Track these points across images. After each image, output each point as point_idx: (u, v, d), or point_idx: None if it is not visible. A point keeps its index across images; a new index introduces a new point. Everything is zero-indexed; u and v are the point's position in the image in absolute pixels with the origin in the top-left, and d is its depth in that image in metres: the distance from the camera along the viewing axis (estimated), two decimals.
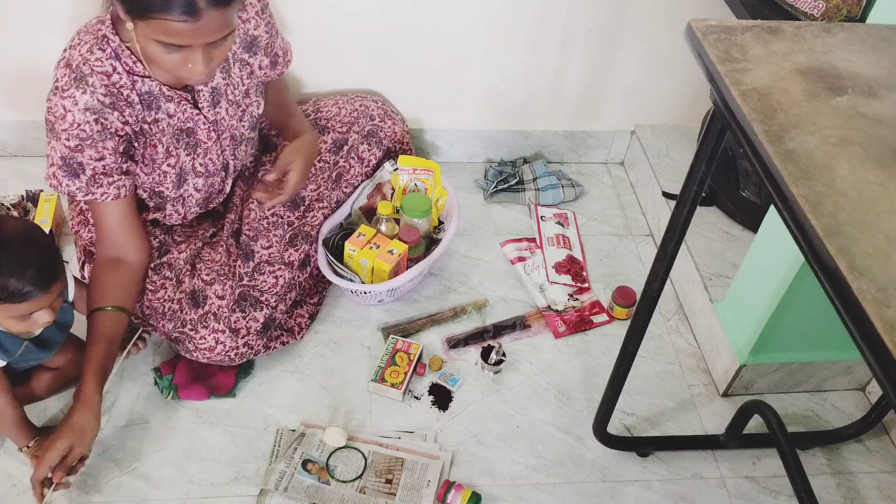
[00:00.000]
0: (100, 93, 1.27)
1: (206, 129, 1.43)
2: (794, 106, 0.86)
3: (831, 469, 1.49)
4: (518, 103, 1.99)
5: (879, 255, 0.70)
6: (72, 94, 1.25)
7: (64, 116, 1.25)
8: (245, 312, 1.46)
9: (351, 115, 1.76)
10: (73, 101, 1.25)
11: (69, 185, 1.31)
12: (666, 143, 2.03)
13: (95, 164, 1.30)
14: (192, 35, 1.17)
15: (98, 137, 1.28)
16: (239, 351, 1.45)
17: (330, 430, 1.41)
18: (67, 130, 1.26)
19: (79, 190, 1.31)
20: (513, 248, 1.85)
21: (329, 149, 1.73)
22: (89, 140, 1.27)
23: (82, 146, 1.27)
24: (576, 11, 1.81)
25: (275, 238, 1.58)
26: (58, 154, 1.28)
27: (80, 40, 1.28)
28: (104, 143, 1.29)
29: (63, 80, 1.26)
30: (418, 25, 1.80)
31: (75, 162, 1.28)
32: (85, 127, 1.26)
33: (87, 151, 1.28)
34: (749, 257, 1.50)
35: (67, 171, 1.29)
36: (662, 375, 1.62)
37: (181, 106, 1.38)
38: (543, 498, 1.40)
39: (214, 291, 1.44)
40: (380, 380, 1.52)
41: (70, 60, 1.26)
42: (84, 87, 1.25)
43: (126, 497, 1.34)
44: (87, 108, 1.26)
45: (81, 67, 1.26)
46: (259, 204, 1.58)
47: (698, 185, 1.07)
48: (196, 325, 1.42)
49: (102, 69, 1.27)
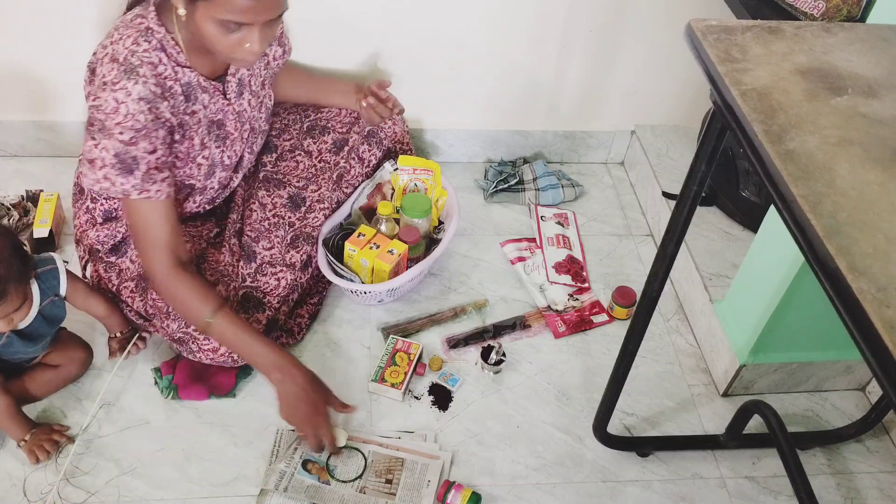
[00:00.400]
0: (151, 83, 1.27)
1: (233, 120, 1.46)
2: (794, 106, 0.86)
3: (831, 469, 1.49)
4: (518, 103, 1.99)
5: (879, 255, 0.70)
6: (123, 85, 1.25)
7: (117, 109, 1.25)
8: (248, 314, 1.46)
9: (351, 116, 1.76)
10: (125, 93, 1.25)
11: (123, 184, 1.28)
12: (666, 143, 2.03)
13: (149, 158, 1.29)
14: (255, 12, 1.20)
15: (151, 127, 1.28)
16: None
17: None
18: (121, 123, 1.25)
19: (134, 188, 1.29)
20: (513, 248, 1.85)
21: (329, 149, 1.73)
22: (143, 131, 1.27)
23: (136, 138, 1.27)
24: (576, 11, 1.81)
25: (276, 239, 1.58)
26: (110, 152, 1.26)
27: (121, 35, 1.28)
28: (157, 134, 1.30)
29: (111, 74, 1.25)
30: (418, 25, 1.80)
31: (129, 157, 1.27)
32: (139, 117, 1.26)
33: (141, 144, 1.28)
34: (749, 257, 1.50)
35: (122, 169, 1.27)
36: (662, 375, 1.62)
37: (214, 97, 1.40)
38: (543, 498, 1.40)
39: (218, 293, 1.44)
40: (380, 380, 1.52)
41: (115, 55, 1.26)
42: (135, 78, 1.26)
43: (126, 497, 1.34)
44: (140, 97, 1.26)
45: (130, 59, 1.26)
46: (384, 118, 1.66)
47: (698, 185, 1.07)
48: None
49: (150, 60, 1.28)
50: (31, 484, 1.33)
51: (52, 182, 1.84)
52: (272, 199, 1.65)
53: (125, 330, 1.51)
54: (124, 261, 1.50)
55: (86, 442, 1.40)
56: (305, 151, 1.73)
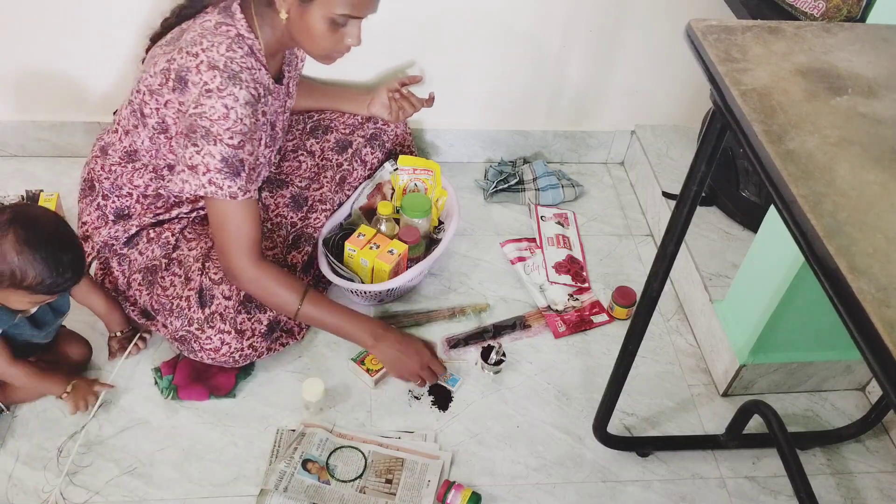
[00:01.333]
0: (252, 87, 1.31)
1: (282, 121, 1.51)
2: (794, 106, 0.86)
3: (831, 469, 1.49)
4: (518, 103, 1.99)
5: (879, 255, 0.70)
6: (230, 91, 1.27)
7: (227, 115, 1.27)
8: (251, 314, 1.47)
9: (355, 118, 1.78)
10: (233, 99, 1.28)
11: (231, 186, 1.32)
12: (666, 143, 2.03)
13: (250, 160, 1.34)
14: (366, 5, 1.31)
15: (254, 129, 1.33)
16: (244, 352, 1.45)
17: (308, 382, 1.45)
18: (231, 129, 1.28)
19: (240, 189, 1.33)
20: (513, 248, 1.85)
21: (332, 147, 1.74)
22: (248, 134, 1.31)
23: (244, 142, 1.31)
24: (576, 11, 1.81)
25: (279, 239, 1.59)
26: (217, 157, 1.29)
27: (212, 42, 1.30)
28: (257, 136, 1.36)
29: (215, 81, 1.28)
30: (418, 25, 1.80)
31: (237, 160, 1.31)
32: (246, 121, 1.30)
33: (247, 147, 1.32)
34: (749, 257, 1.50)
35: (230, 172, 1.31)
36: (662, 375, 1.62)
37: (278, 98, 1.45)
38: (543, 498, 1.40)
39: (222, 292, 1.44)
40: (359, 361, 1.53)
41: (214, 62, 1.28)
42: (240, 84, 1.29)
43: (126, 497, 1.34)
44: (246, 102, 1.29)
45: (231, 66, 1.29)
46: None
47: (698, 185, 1.07)
48: (203, 325, 1.42)
49: (247, 65, 1.31)
50: (32, 484, 1.33)
51: (52, 182, 1.84)
52: (275, 200, 1.66)
53: (125, 329, 1.51)
54: (133, 252, 1.51)
55: (86, 442, 1.40)
56: (308, 151, 1.74)
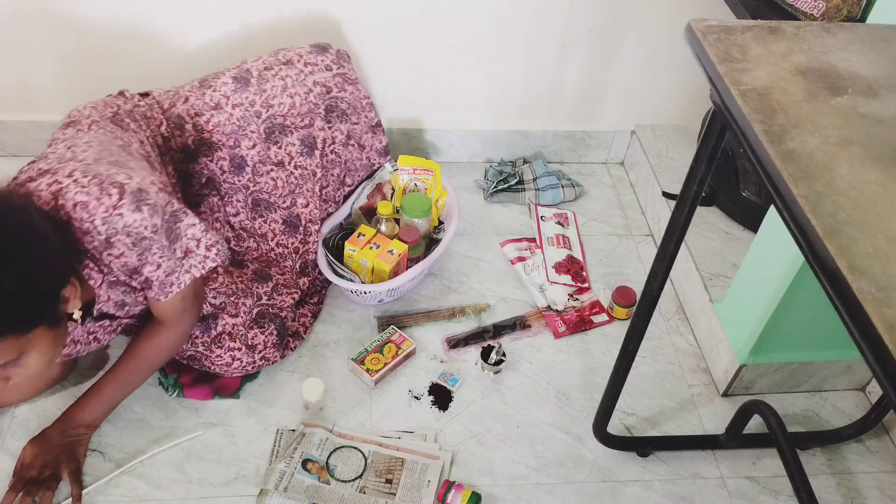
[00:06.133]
0: None
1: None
2: (794, 106, 0.86)
3: (831, 469, 1.49)
4: (518, 103, 1.99)
5: (879, 255, 0.70)
6: None
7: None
8: (263, 328, 1.48)
9: (308, 103, 1.58)
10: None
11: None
12: (666, 143, 2.03)
13: None
14: None
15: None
16: (256, 364, 1.47)
17: (308, 382, 1.45)
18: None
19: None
20: (513, 248, 1.85)
21: (300, 151, 1.59)
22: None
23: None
24: (576, 12, 1.81)
25: (286, 267, 1.62)
26: None
27: None
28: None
29: None
30: (418, 25, 1.80)
31: None
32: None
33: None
34: (749, 257, 1.50)
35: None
36: (662, 375, 1.62)
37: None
38: (543, 498, 1.40)
39: (227, 312, 1.45)
40: (359, 361, 1.53)
41: None
42: None
43: (126, 497, 1.34)
44: None
45: None
46: None
47: (698, 185, 1.07)
48: (210, 346, 1.43)
49: None
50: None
51: None
52: (270, 227, 1.63)
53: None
54: None
55: None
56: (275, 163, 1.58)
